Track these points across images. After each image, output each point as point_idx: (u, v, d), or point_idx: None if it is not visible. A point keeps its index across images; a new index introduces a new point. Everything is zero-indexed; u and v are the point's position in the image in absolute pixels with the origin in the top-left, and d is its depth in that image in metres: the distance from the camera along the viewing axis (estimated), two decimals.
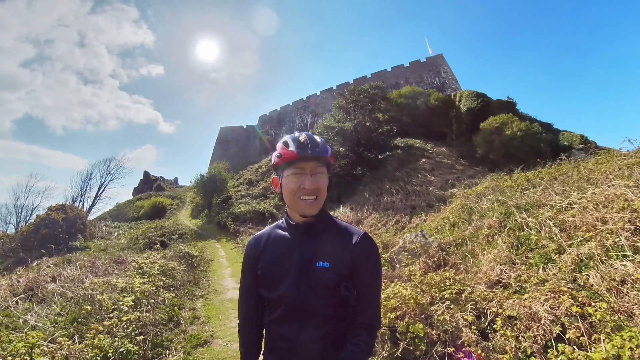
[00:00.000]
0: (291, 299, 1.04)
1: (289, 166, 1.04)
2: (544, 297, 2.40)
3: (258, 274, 1.12)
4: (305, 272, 1.05)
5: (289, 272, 1.06)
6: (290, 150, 1.03)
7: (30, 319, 3.96)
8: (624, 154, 5.62)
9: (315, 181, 1.03)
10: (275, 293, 1.07)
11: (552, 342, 2.05)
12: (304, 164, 1.03)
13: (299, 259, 1.07)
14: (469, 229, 5.39)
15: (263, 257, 1.12)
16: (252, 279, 1.15)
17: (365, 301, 1.05)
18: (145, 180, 45.67)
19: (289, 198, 1.05)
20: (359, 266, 1.05)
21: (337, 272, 1.04)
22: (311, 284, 1.04)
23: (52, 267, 7.27)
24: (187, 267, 8.01)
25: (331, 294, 1.03)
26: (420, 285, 3.13)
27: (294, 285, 1.05)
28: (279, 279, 1.07)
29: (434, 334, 2.43)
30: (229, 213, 19.06)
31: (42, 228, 13.04)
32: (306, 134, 1.07)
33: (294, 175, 1.03)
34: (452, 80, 28.79)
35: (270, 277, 1.09)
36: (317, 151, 1.03)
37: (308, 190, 1.02)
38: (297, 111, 38.96)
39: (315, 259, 1.05)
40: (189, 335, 4.11)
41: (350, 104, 18.54)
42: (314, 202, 1.03)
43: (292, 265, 1.07)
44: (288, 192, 1.04)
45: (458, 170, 15.76)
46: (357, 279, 1.05)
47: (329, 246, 1.07)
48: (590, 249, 2.89)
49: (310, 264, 1.05)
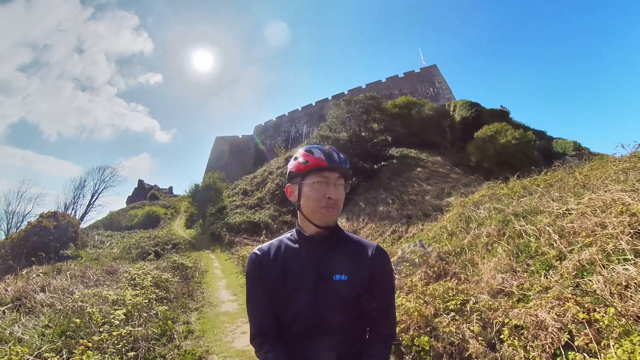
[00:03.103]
0: (308, 315, 0.98)
1: (313, 174, 1.02)
2: (549, 304, 2.36)
3: (270, 288, 1.04)
4: (322, 286, 1.00)
5: (304, 287, 1.01)
6: (318, 157, 1.02)
7: (17, 331, 3.77)
8: (618, 159, 5.70)
9: (337, 192, 1.03)
10: (289, 310, 1.01)
11: (561, 350, 2.00)
12: (329, 173, 1.02)
13: (314, 273, 1.02)
14: (468, 237, 5.37)
15: (273, 270, 1.05)
16: (266, 289, 1.05)
17: (382, 313, 1.04)
18: (139, 188, 45.12)
19: (311, 206, 1.03)
20: (376, 278, 1.04)
21: (356, 284, 1.01)
22: (329, 298, 0.99)
23: (41, 276, 7.04)
24: (181, 279, 7.82)
25: (350, 307, 1.00)
26: (423, 297, 3.07)
27: (311, 301, 0.99)
28: (293, 294, 1.01)
29: (439, 347, 2.36)
30: (223, 223, 18.84)
31: (32, 235, 12.72)
32: (330, 147, 1.07)
33: (319, 184, 1.01)
34: (446, 90, 29.36)
35: (284, 292, 1.02)
36: (343, 162, 1.05)
37: (332, 200, 1.01)
38: (293, 121, 39.20)
39: (332, 272, 1.02)
40: (183, 350, 3.94)
41: (346, 114, 18.73)
42: (335, 211, 1.03)
43: (307, 279, 1.01)
44: (311, 200, 1.02)
45: (453, 179, 15.87)
46: (375, 291, 1.04)
47: (346, 259, 1.04)
48: (591, 254, 2.88)
49: (327, 277, 1.01)
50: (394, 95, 28.92)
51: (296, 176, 1.06)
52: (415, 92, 29.57)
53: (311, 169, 1.02)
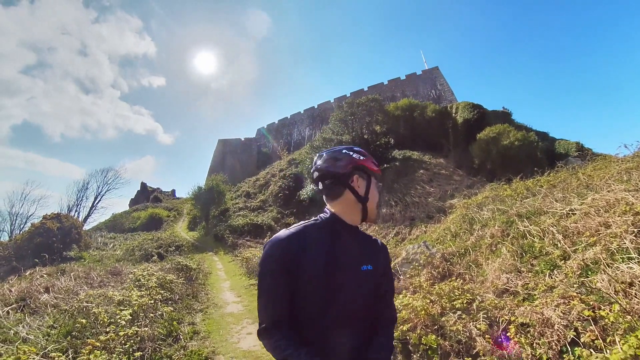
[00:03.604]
0: (344, 305, 1.00)
1: (375, 178, 1.17)
2: (554, 303, 2.37)
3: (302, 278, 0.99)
4: (356, 275, 1.06)
5: (337, 276, 1.01)
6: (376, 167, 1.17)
7: (22, 331, 3.81)
8: (621, 159, 5.69)
9: None
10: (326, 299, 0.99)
11: (567, 347, 2.01)
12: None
13: (351, 262, 1.07)
14: (472, 238, 5.37)
15: (308, 258, 1.00)
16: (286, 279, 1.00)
17: (389, 299, 1.17)
18: (142, 191, 45.28)
19: (374, 204, 1.14)
20: (386, 267, 1.17)
21: (377, 274, 1.11)
22: (362, 287, 1.06)
23: (45, 277, 7.09)
24: (185, 280, 7.86)
25: (373, 295, 1.10)
26: (429, 296, 3.08)
27: (348, 290, 1.02)
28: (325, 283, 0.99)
29: (447, 345, 2.38)
30: (226, 225, 18.88)
31: (36, 237, 12.83)
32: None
33: (378, 188, 1.17)
34: (448, 92, 29.37)
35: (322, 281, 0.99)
36: None
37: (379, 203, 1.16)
38: (295, 124, 39.32)
39: (361, 262, 1.09)
40: (189, 351, 3.95)
41: (348, 116, 18.78)
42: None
43: (345, 268, 1.04)
44: (374, 200, 1.15)
45: (456, 180, 15.85)
46: (383, 280, 1.15)
47: (368, 250, 1.14)
48: (596, 253, 2.89)
49: (358, 267, 1.07)
50: (396, 97, 28.96)
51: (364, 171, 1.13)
52: (418, 94, 29.61)
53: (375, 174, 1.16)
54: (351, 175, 1.11)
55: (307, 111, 38.95)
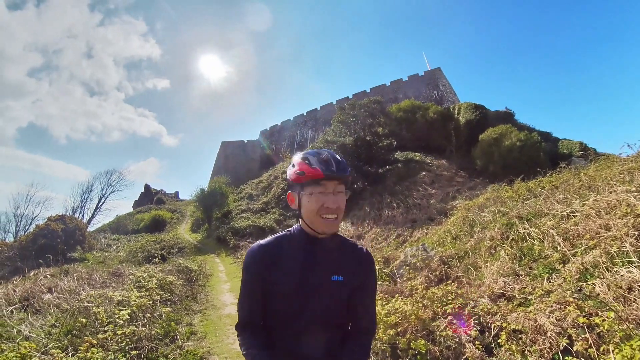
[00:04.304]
0: (306, 313, 1.03)
1: (311, 184, 1.02)
2: (549, 308, 2.33)
3: (267, 285, 1.06)
4: (322, 286, 1.05)
5: (304, 285, 1.04)
6: (315, 168, 1.01)
7: (24, 330, 3.86)
8: (624, 159, 5.58)
9: (337, 200, 1.02)
10: (288, 306, 1.04)
11: (559, 355, 1.97)
12: (327, 182, 1.02)
13: (314, 272, 1.06)
14: (471, 241, 5.32)
15: (274, 267, 1.06)
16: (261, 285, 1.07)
17: (367, 308, 1.14)
18: (145, 193, 45.70)
19: (309, 216, 1.03)
20: (364, 279, 1.12)
21: (350, 285, 1.08)
22: (328, 297, 1.05)
23: (49, 278, 7.16)
24: (186, 282, 7.88)
25: (343, 306, 1.09)
26: (421, 300, 3.05)
27: (309, 299, 1.03)
28: (292, 291, 1.04)
29: (436, 351, 2.35)
30: (229, 227, 18.94)
31: (40, 238, 12.98)
32: (328, 152, 1.06)
33: (317, 195, 1.01)
34: (450, 93, 29.23)
35: (283, 289, 1.04)
36: (341, 170, 1.03)
37: (331, 209, 1.01)
38: (298, 126, 39.38)
39: (331, 273, 1.07)
40: (185, 351, 3.98)
41: (351, 118, 18.78)
42: (334, 221, 1.03)
43: (307, 278, 1.05)
44: (309, 211, 1.03)
45: (458, 182, 15.75)
46: (362, 290, 1.11)
47: (342, 261, 1.10)
48: (595, 257, 2.83)
49: (326, 277, 1.06)
50: (399, 99, 28.89)
51: (294, 185, 1.07)
52: (420, 96, 29.50)
53: (308, 180, 1.02)
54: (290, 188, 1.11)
55: (309, 113, 39.01)
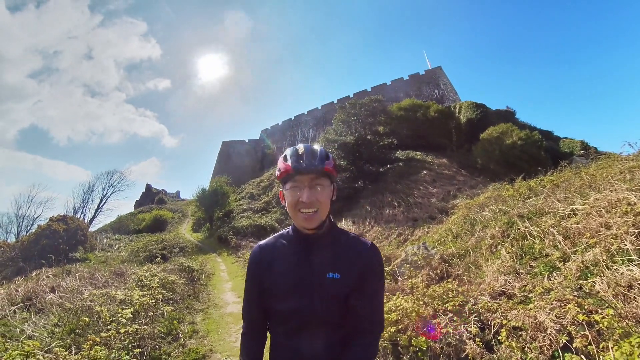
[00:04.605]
0: (303, 312, 1.03)
1: (288, 180, 1.04)
2: (549, 306, 2.34)
3: (265, 286, 1.10)
4: (316, 283, 1.04)
5: (299, 284, 1.05)
6: (287, 164, 1.03)
7: (28, 329, 3.90)
8: (624, 158, 5.59)
9: (313, 194, 1.01)
10: (285, 305, 1.05)
11: (559, 352, 1.98)
12: (300, 177, 1.02)
13: (309, 270, 1.06)
14: (472, 239, 5.33)
15: (271, 267, 1.10)
16: (259, 287, 1.12)
17: (371, 308, 1.08)
18: (146, 193, 45.81)
19: (290, 211, 1.05)
20: (367, 275, 1.06)
21: (348, 282, 1.04)
22: (322, 295, 1.03)
23: (51, 278, 7.20)
24: (188, 281, 7.92)
25: (341, 303, 1.04)
26: (422, 298, 3.07)
27: (304, 298, 1.03)
28: (289, 290, 1.05)
29: (437, 348, 2.37)
30: (230, 227, 18.99)
31: (42, 238, 13.06)
32: (304, 146, 1.06)
33: (292, 189, 1.03)
34: (451, 92, 29.17)
35: (280, 288, 1.07)
36: (312, 163, 1.01)
37: (306, 204, 1.00)
38: (299, 125, 39.38)
39: (326, 270, 1.05)
40: (187, 349, 4.01)
41: (351, 117, 18.79)
42: (313, 214, 1.02)
43: (302, 276, 1.05)
44: (288, 206, 1.05)
45: (459, 181, 15.74)
46: (365, 288, 1.06)
47: (339, 257, 1.07)
48: (595, 255, 2.84)
49: (321, 275, 1.05)
50: (399, 97, 28.83)
51: (280, 182, 1.09)
52: (421, 95, 29.44)
53: (284, 176, 1.05)
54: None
55: (310, 112, 38.98)
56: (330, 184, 1.07)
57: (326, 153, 1.07)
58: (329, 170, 1.04)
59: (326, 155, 1.06)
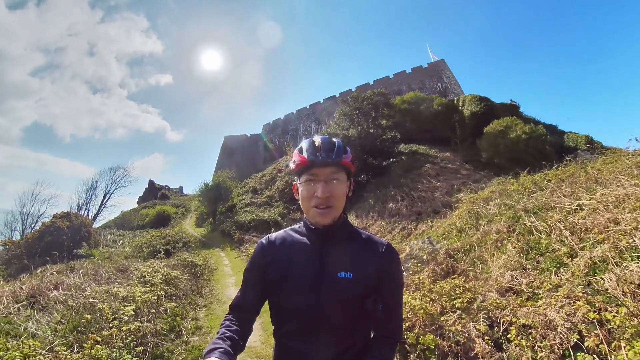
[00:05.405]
0: (308, 311, 0.96)
1: (303, 173, 1.00)
2: (558, 303, 2.29)
3: (270, 279, 1.03)
4: (326, 282, 0.97)
5: (307, 281, 0.98)
6: (303, 156, 0.98)
7: (31, 327, 3.90)
8: (631, 153, 5.49)
9: (329, 189, 0.96)
10: (289, 302, 1.00)
11: (569, 351, 1.93)
12: (317, 170, 0.97)
13: (319, 268, 0.99)
14: (477, 234, 5.26)
15: (277, 260, 1.04)
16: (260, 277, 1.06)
17: (388, 314, 1.03)
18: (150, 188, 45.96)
19: (304, 206, 1.01)
20: (384, 277, 1.01)
21: (361, 283, 0.98)
22: (332, 295, 0.96)
23: (55, 275, 7.23)
24: (191, 276, 7.94)
25: (354, 306, 0.97)
26: (429, 295, 3.01)
27: (312, 296, 0.96)
28: (295, 287, 0.99)
29: (445, 346, 2.32)
30: (233, 222, 19.04)
31: (46, 235, 13.17)
32: (321, 138, 1.01)
33: (307, 183, 0.98)
34: (455, 85, 28.82)
35: (285, 284, 1.01)
36: (330, 156, 0.97)
37: (321, 199, 0.96)
38: (301, 119, 39.18)
39: (337, 268, 0.99)
40: (190, 346, 4.01)
41: (354, 111, 18.62)
42: (328, 210, 0.97)
43: (311, 273, 0.99)
44: (303, 200, 1.01)
45: (463, 175, 15.61)
46: (382, 291, 1.01)
47: (353, 256, 1.01)
48: (604, 251, 2.77)
49: (332, 273, 0.98)
50: (402, 91, 28.53)
51: (295, 174, 1.04)
52: (424, 88, 29.11)
53: (299, 168, 1.00)
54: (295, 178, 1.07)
55: (312, 106, 38.75)
56: (347, 179, 1.02)
57: (344, 146, 1.01)
58: (347, 164, 1.00)
59: (344, 148, 1.01)
